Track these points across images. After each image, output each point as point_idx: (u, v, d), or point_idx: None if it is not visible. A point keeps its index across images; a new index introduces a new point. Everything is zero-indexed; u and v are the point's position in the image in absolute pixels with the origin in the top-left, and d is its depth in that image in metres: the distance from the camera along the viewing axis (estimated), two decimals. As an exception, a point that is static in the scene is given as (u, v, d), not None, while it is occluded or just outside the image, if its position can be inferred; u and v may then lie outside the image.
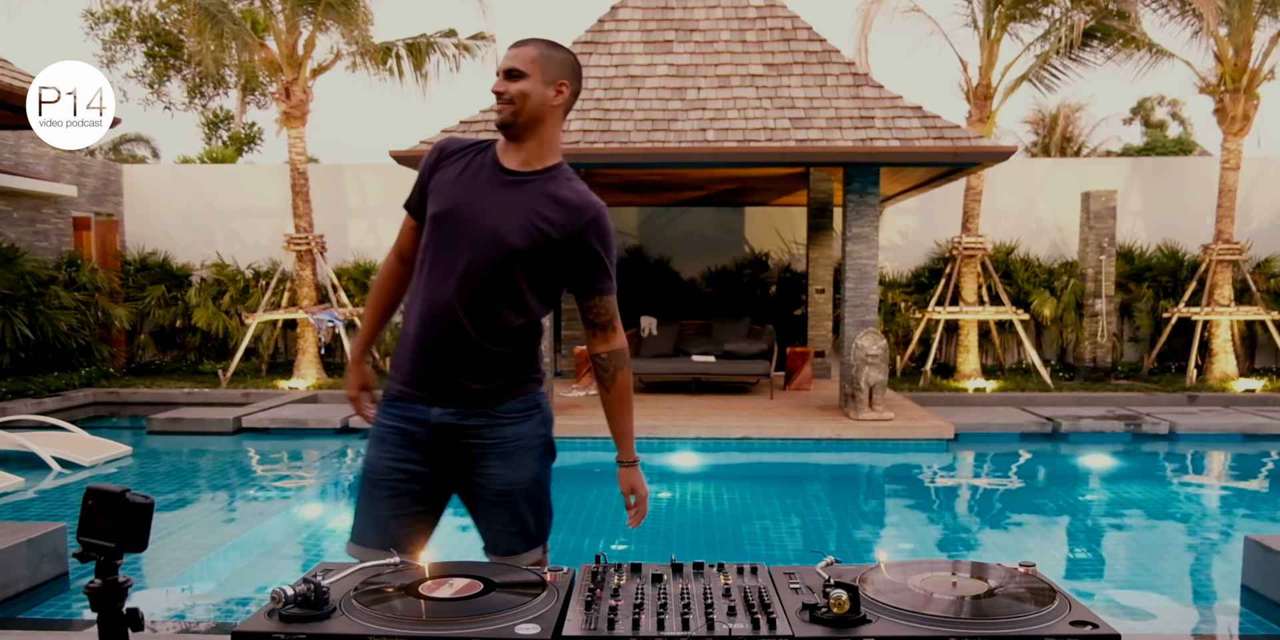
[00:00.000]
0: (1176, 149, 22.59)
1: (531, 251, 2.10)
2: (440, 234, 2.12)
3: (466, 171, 2.16)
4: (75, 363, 11.40)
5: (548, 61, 2.13)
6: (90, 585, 1.43)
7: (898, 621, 1.47)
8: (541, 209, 2.11)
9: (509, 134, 2.15)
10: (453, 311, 2.10)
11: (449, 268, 2.10)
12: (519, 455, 2.19)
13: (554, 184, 2.15)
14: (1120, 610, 4.10)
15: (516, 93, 2.11)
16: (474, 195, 2.13)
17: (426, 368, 2.14)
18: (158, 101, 19.07)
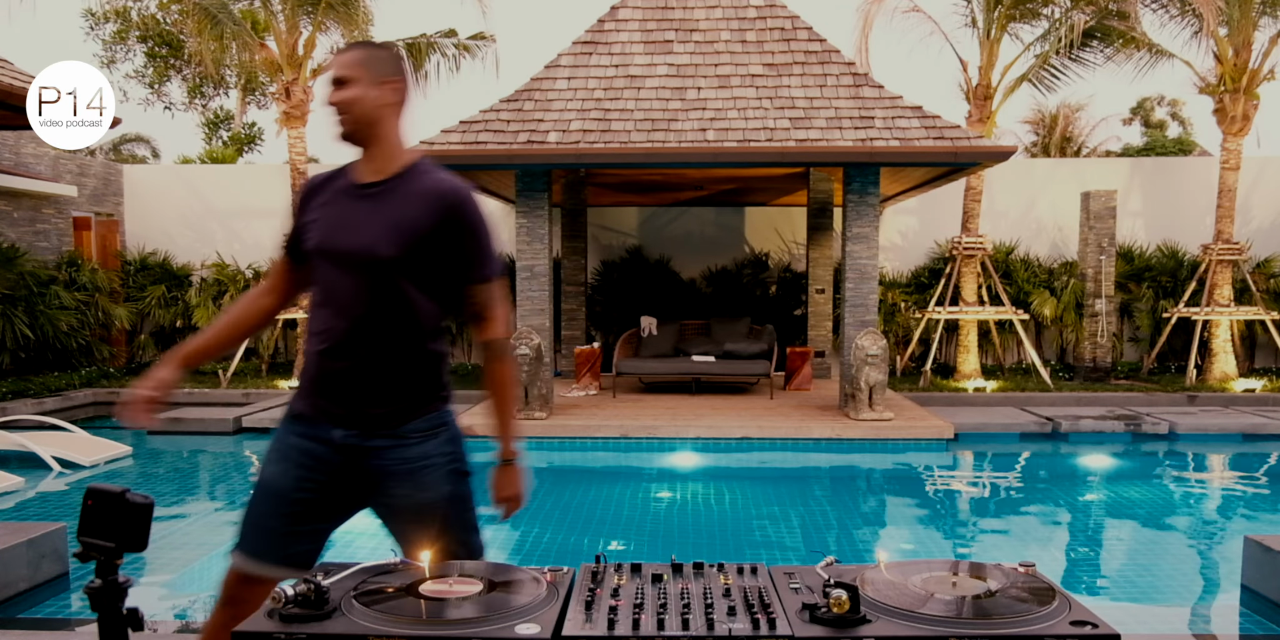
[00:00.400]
0: (1176, 149, 22.59)
1: (408, 257, 2.06)
2: (323, 267, 2.13)
3: (330, 201, 2.16)
4: (76, 363, 11.40)
5: (371, 61, 2.11)
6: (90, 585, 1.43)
7: (898, 621, 1.47)
8: (405, 210, 2.08)
9: (354, 143, 2.14)
10: (350, 339, 2.09)
11: (338, 297, 2.10)
12: (425, 475, 2.14)
13: (412, 182, 2.12)
14: (1120, 610, 4.10)
15: (347, 99, 2.08)
16: (340, 221, 2.12)
17: (328, 392, 2.13)
18: (158, 101, 19.08)
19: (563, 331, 11.83)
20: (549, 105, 8.70)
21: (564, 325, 11.86)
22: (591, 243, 12.76)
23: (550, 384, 8.43)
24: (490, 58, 11.64)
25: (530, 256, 8.69)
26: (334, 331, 2.10)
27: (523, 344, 8.06)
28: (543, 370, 8.16)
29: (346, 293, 2.09)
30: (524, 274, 8.71)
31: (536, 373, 8.07)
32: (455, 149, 8.22)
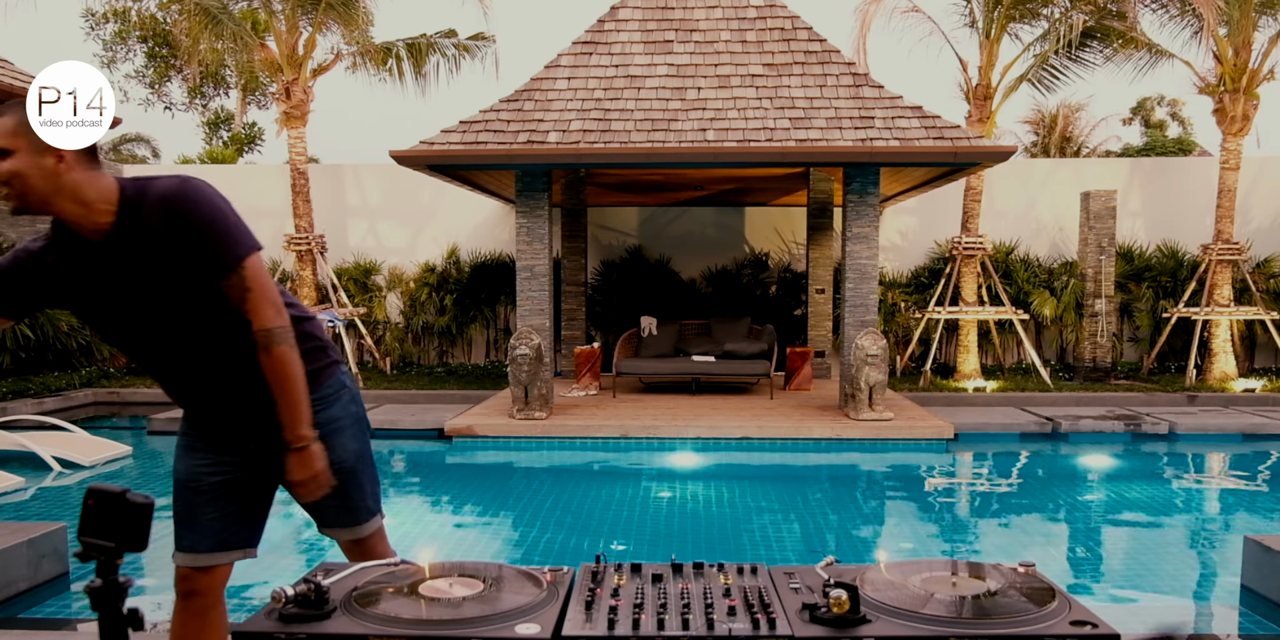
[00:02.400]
0: (1176, 149, 22.60)
1: (180, 289, 1.98)
2: (111, 328, 2.07)
3: (71, 268, 1.99)
4: (76, 363, 11.40)
5: (30, 128, 1.94)
6: (90, 585, 1.43)
7: (898, 621, 1.47)
8: (146, 248, 1.94)
9: (44, 214, 1.95)
10: (198, 378, 2.11)
11: (152, 350, 2.09)
12: (337, 437, 2.21)
13: (132, 218, 1.94)
14: (1120, 610, 4.10)
15: (7, 173, 1.88)
16: (100, 288, 1.99)
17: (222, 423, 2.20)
18: (158, 102, 19.10)
19: (563, 331, 11.83)
20: (549, 105, 8.70)
21: (564, 325, 11.86)
22: (591, 243, 12.77)
23: (550, 384, 8.43)
24: (490, 58, 11.65)
25: (530, 256, 8.69)
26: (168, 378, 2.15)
27: (522, 344, 8.06)
28: (543, 370, 8.16)
29: (153, 346, 2.09)
30: (524, 274, 8.71)
31: (536, 373, 8.07)
32: (455, 149, 8.22)
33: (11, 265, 2.02)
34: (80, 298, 2.03)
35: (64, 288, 2.02)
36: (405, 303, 12.72)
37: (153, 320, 2.02)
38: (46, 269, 2.01)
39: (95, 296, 2.02)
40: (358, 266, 12.72)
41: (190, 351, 2.07)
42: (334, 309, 11.11)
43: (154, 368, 2.14)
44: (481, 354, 13.03)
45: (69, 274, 2.00)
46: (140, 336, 2.06)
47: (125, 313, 2.02)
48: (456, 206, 12.91)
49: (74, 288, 2.01)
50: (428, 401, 9.73)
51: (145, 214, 1.94)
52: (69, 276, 2.00)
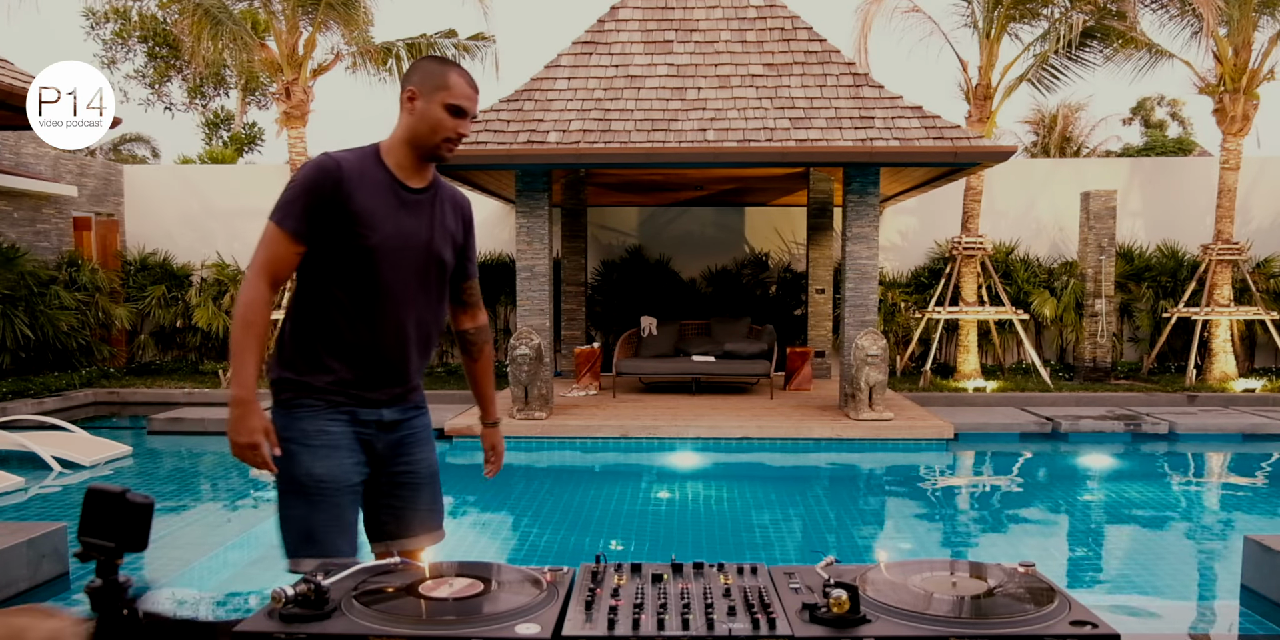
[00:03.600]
0: (1176, 149, 22.60)
1: (452, 260, 2.37)
2: (388, 260, 2.21)
3: (379, 195, 2.21)
4: (76, 363, 11.40)
5: None
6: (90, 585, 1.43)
7: (898, 621, 1.47)
8: (448, 220, 2.34)
9: (438, 163, 2.30)
10: (419, 331, 2.31)
11: (405, 288, 2.25)
12: (431, 440, 2.47)
13: (444, 192, 2.35)
14: (1120, 610, 4.10)
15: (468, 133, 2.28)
16: (406, 221, 2.24)
17: (387, 375, 2.29)
18: (158, 102, 19.11)
19: (563, 331, 11.83)
20: (549, 105, 8.70)
21: (564, 325, 11.86)
22: (591, 243, 12.77)
23: (550, 384, 8.43)
24: (490, 58, 11.65)
25: (530, 256, 8.69)
26: (394, 322, 2.25)
27: (523, 344, 8.06)
28: (543, 370, 8.16)
29: (414, 287, 2.27)
30: (524, 274, 8.71)
31: (536, 373, 8.07)
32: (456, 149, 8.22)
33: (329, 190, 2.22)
34: (379, 227, 2.24)
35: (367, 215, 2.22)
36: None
37: (425, 268, 2.31)
38: (356, 199, 2.25)
39: (397, 229, 2.27)
40: (358, 266, 12.72)
41: (426, 306, 2.33)
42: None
43: (382, 311, 2.24)
44: (481, 354, 13.01)
45: (385, 208, 2.25)
46: (400, 280, 2.27)
47: (412, 253, 2.28)
48: (456, 206, 12.90)
49: (377, 215, 2.23)
50: (428, 401, 9.72)
51: (449, 197, 2.42)
52: (384, 209, 2.24)
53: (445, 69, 2.23)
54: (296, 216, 2.15)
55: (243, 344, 2.14)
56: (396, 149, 2.25)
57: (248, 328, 2.15)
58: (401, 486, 2.37)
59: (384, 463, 2.34)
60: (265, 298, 2.17)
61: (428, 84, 2.20)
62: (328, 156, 2.19)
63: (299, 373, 2.25)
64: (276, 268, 2.18)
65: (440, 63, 2.25)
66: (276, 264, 2.18)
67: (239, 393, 2.13)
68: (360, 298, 2.21)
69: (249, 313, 2.16)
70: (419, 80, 2.21)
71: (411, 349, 2.30)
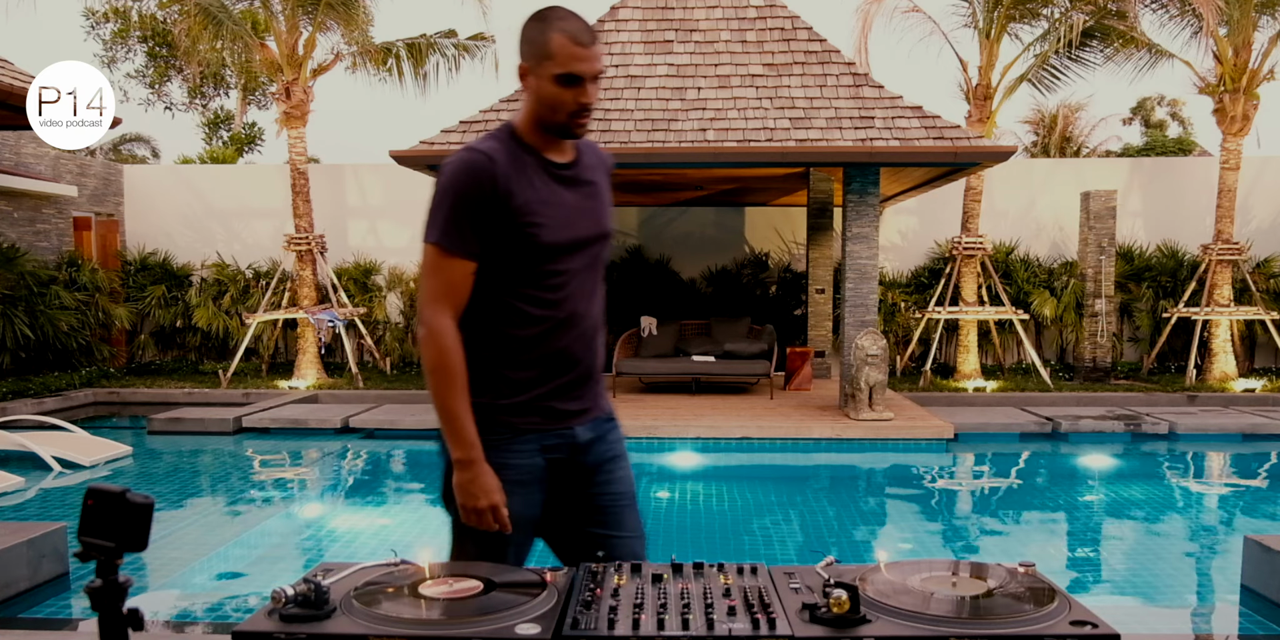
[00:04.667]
0: (1176, 149, 22.60)
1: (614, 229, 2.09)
2: (563, 251, 1.94)
3: (536, 181, 1.92)
4: (76, 363, 11.40)
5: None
6: (90, 585, 1.43)
7: (898, 621, 1.47)
8: (602, 187, 2.05)
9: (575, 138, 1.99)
10: (597, 322, 2.04)
11: (583, 278, 1.99)
12: (627, 453, 2.14)
13: (586, 158, 2.04)
14: (1120, 610, 4.10)
15: (597, 97, 1.92)
16: (569, 204, 1.96)
17: (579, 381, 2.00)
18: (158, 101, 19.10)
19: (563, 331, 11.81)
20: (549, 105, 8.70)
21: (564, 325, 11.85)
22: (591, 243, 12.75)
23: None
24: (490, 58, 11.64)
25: (530, 256, 8.69)
26: (577, 319, 1.97)
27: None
28: (543, 370, 8.15)
29: (588, 280, 2.00)
30: (524, 274, 8.70)
31: (536, 373, 8.06)
32: (455, 149, 8.22)
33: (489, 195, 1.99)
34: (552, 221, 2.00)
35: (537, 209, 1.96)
36: (405, 303, 12.72)
37: (595, 254, 2.06)
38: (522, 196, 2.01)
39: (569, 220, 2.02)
40: (358, 266, 12.72)
41: (600, 296, 2.08)
42: (334, 309, 11.11)
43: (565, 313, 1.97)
44: (481, 354, 13.01)
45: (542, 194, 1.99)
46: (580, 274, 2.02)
47: (584, 242, 2.03)
48: (456, 206, 12.89)
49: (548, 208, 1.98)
50: (428, 401, 9.67)
51: (591, 156, 2.11)
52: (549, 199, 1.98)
53: (545, 29, 1.86)
54: (460, 232, 1.86)
55: (450, 397, 1.87)
56: (530, 130, 1.94)
57: (449, 378, 1.87)
58: (605, 511, 2.05)
59: (583, 485, 2.04)
60: (454, 336, 1.88)
61: (532, 54, 1.88)
62: (475, 152, 1.88)
63: (479, 395, 1.93)
64: (455, 295, 1.88)
65: (539, 22, 1.87)
66: (453, 291, 1.88)
67: (464, 454, 1.86)
68: (541, 300, 1.92)
69: (444, 359, 1.87)
70: (525, 51, 1.89)
71: (596, 343, 2.04)
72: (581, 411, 2.02)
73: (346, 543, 5.30)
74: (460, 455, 1.87)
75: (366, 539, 5.29)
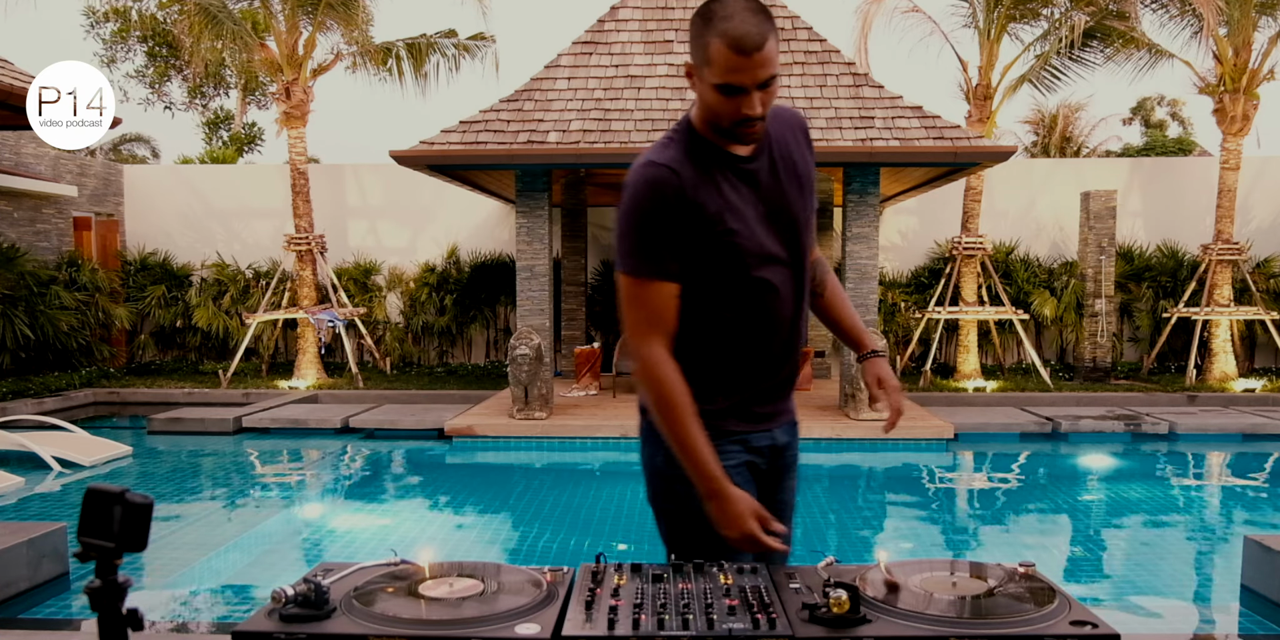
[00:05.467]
0: (1176, 149, 22.60)
1: (814, 214, 1.94)
2: (756, 267, 1.83)
3: (723, 182, 1.79)
4: (76, 363, 11.40)
5: (777, 37, 1.70)
6: (90, 585, 1.43)
7: (898, 621, 1.47)
8: (797, 165, 1.88)
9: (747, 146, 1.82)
10: (795, 316, 1.92)
11: (783, 276, 1.87)
12: (797, 465, 2.11)
13: (774, 133, 1.85)
14: (1120, 610, 4.10)
15: (772, 99, 1.73)
16: (761, 199, 1.82)
17: (781, 382, 1.95)
18: (158, 101, 19.11)
19: (563, 331, 11.83)
20: (549, 105, 8.70)
21: (564, 325, 11.86)
22: (591, 243, 12.76)
23: (550, 384, 8.43)
24: (490, 58, 11.64)
25: (530, 256, 8.69)
26: (779, 320, 1.87)
27: (522, 344, 8.06)
28: (543, 370, 8.16)
29: (788, 281, 1.87)
30: (524, 274, 8.71)
31: (536, 373, 8.07)
32: (455, 149, 8.22)
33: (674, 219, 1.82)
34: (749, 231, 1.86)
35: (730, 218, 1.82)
36: (405, 303, 12.72)
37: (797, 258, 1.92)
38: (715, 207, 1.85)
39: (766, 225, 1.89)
40: (358, 266, 12.72)
41: (803, 296, 1.94)
42: (334, 309, 11.11)
43: (766, 319, 1.87)
44: (481, 354, 13.03)
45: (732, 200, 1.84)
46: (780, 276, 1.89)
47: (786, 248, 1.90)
48: (456, 206, 12.91)
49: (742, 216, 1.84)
50: (428, 401, 9.73)
51: (780, 128, 1.92)
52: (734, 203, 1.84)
53: (706, 31, 1.67)
54: (656, 256, 1.76)
55: (681, 430, 1.78)
56: (707, 129, 1.80)
57: (675, 410, 1.78)
58: (777, 517, 1.93)
59: (769, 490, 2.00)
60: (669, 365, 1.79)
61: (696, 55, 1.72)
62: (656, 166, 1.75)
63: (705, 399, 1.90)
64: (662, 322, 1.80)
65: (703, 20, 1.68)
66: (659, 318, 1.79)
67: (708, 486, 1.77)
68: (745, 305, 1.84)
69: (665, 392, 1.78)
70: (691, 49, 1.73)
71: (798, 348, 1.95)
72: (777, 414, 1.99)
73: (346, 543, 5.30)
74: (704, 489, 1.78)
75: (366, 539, 5.30)
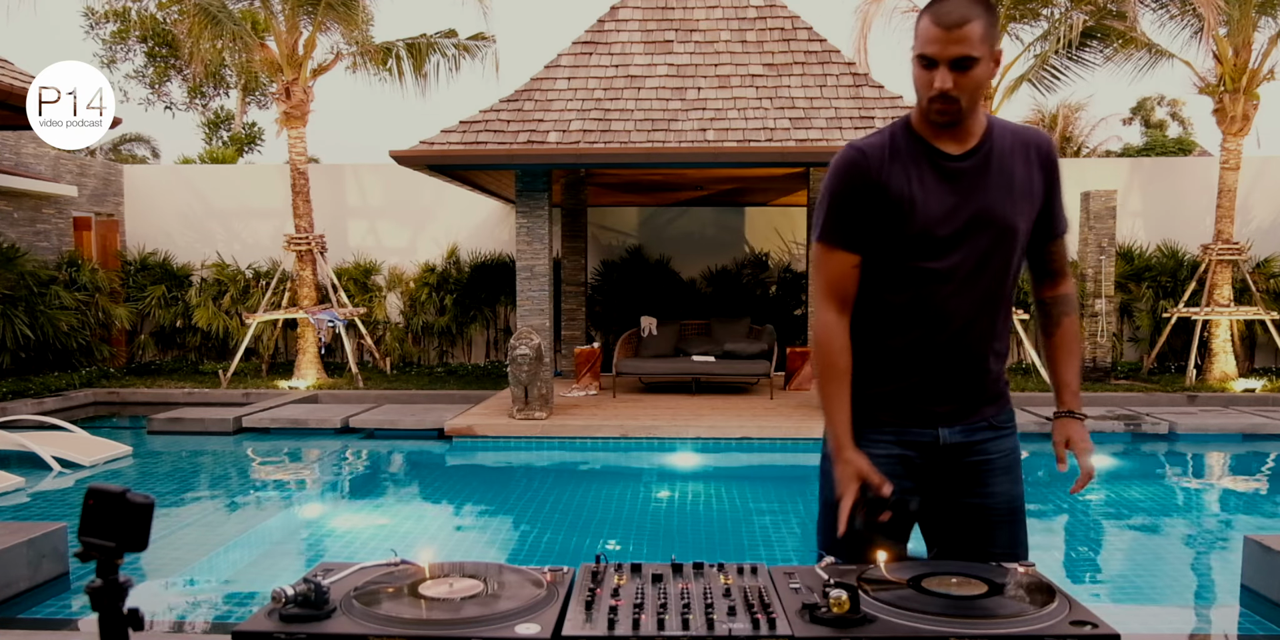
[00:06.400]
0: (1176, 149, 22.60)
1: (1026, 227, 1.94)
2: (939, 244, 1.88)
3: (916, 172, 1.88)
4: (76, 363, 11.40)
5: (991, 28, 1.79)
6: (91, 585, 1.43)
7: (898, 621, 1.47)
8: (1015, 179, 1.91)
9: (945, 128, 1.88)
10: (977, 318, 1.92)
11: (964, 274, 1.90)
12: (1017, 469, 2.03)
13: (1001, 145, 1.92)
14: (1120, 610, 4.10)
15: (971, 85, 1.79)
16: (953, 195, 1.88)
17: (950, 384, 1.94)
18: (158, 101, 19.12)
19: (563, 331, 11.83)
20: (549, 105, 8.70)
21: (564, 325, 11.86)
22: (591, 243, 12.77)
23: (550, 384, 8.43)
24: (490, 58, 11.64)
25: (530, 256, 8.69)
26: (952, 318, 1.90)
27: (522, 344, 8.06)
28: (543, 370, 8.16)
29: (969, 273, 1.89)
30: (524, 274, 8.71)
31: (536, 373, 8.07)
32: (455, 149, 8.22)
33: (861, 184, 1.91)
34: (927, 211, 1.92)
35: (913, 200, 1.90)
36: (405, 303, 12.72)
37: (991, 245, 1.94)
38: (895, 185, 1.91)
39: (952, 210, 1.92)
40: (358, 266, 12.72)
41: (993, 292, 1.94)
42: (334, 309, 11.11)
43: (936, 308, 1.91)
44: (481, 354, 13.03)
45: (923, 184, 1.91)
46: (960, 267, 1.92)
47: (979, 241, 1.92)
48: (456, 206, 12.91)
49: (924, 198, 1.90)
50: (428, 401, 9.74)
51: (1014, 142, 1.96)
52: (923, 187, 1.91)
53: (924, 11, 1.80)
54: (839, 226, 1.91)
55: (827, 389, 1.92)
56: (920, 118, 1.90)
57: (826, 369, 1.93)
58: (974, 521, 1.97)
59: (952, 491, 1.98)
60: (835, 328, 1.93)
61: (915, 36, 1.83)
62: (851, 147, 1.92)
63: (855, 381, 1.99)
64: (838, 289, 1.93)
65: (926, 5, 1.82)
66: (836, 285, 1.93)
67: (833, 445, 1.90)
68: (912, 294, 1.90)
69: (824, 355, 1.93)
70: (914, 35, 1.85)
71: (978, 348, 1.94)
72: (947, 412, 1.96)
73: (346, 543, 5.30)
74: (828, 448, 1.93)
75: (366, 539, 5.30)
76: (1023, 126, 1.99)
